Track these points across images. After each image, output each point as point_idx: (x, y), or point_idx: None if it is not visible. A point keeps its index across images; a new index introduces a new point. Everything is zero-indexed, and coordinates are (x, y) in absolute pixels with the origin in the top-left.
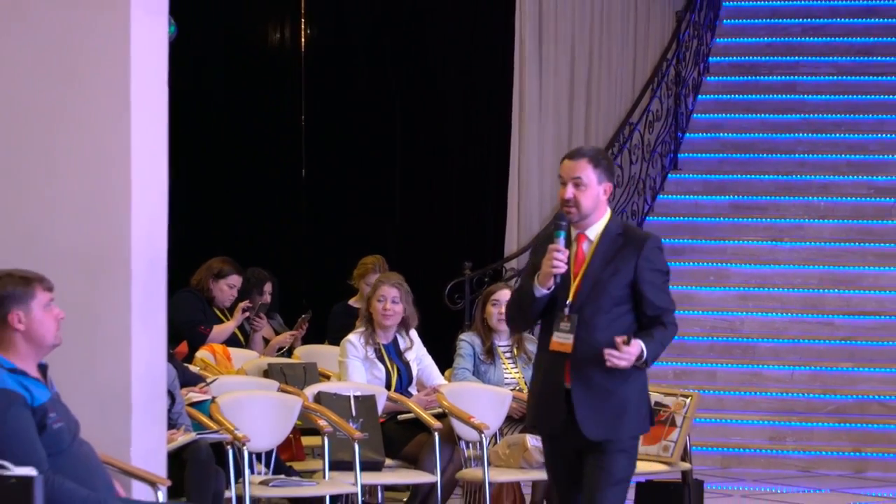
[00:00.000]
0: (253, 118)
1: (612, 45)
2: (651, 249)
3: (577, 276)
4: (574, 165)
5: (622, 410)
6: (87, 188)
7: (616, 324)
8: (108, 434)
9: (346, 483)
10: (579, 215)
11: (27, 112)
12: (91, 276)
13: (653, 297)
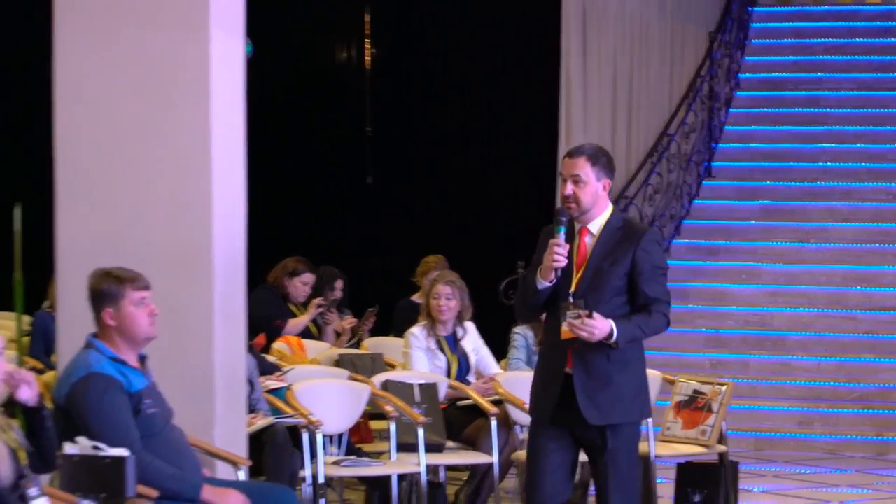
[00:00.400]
0: (322, 129)
1: (650, 63)
2: (648, 242)
3: (580, 268)
4: (573, 163)
5: (620, 396)
6: (173, 194)
7: (617, 312)
8: (193, 418)
9: (411, 463)
10: (579, 210)
11: (119, 124)
12: (177, 275)
13: (644, 287)
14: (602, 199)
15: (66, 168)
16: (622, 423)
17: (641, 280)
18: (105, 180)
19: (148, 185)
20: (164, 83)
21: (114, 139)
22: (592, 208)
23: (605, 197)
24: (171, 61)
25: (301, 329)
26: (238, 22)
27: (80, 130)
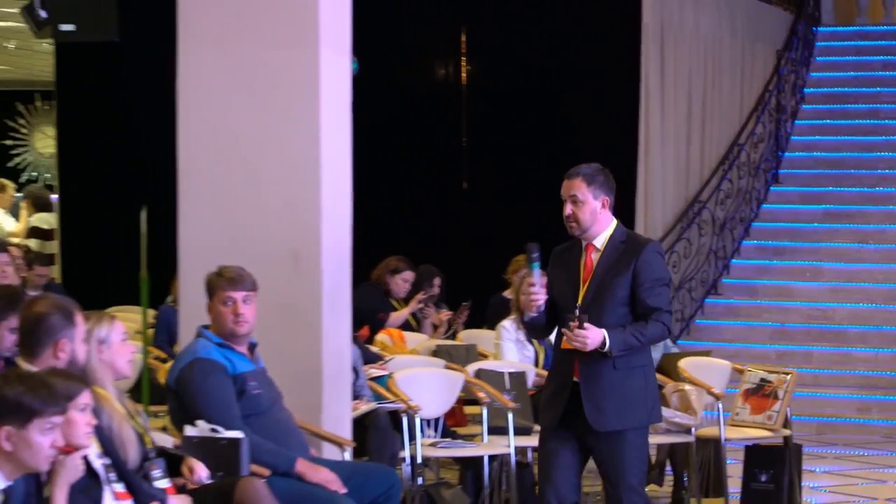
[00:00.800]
0: (422, 139)
1: (722, 78)
2: (649, 253)
3: (586, 282)
4: (570, 185)
5: (626, 403)
6: (285, 198)
7: (622, 322)
8: (303, 403)
9: (502, 445)
10: (580, 229)
11: (235, 134)
12: (288, 273)
13: (644, 296)
14: (603, 215)
15: (188, 175)
16: (627, 429)
17: (641, 290)
18: (223, 186)
19: (262, 190)
20: (278, 97)
21: (231, 148)
22: (593, 226)
23: (606, 213)
24: (284, 78)
25: (402, 322)
26: (345, 41)
27: (200, 141)
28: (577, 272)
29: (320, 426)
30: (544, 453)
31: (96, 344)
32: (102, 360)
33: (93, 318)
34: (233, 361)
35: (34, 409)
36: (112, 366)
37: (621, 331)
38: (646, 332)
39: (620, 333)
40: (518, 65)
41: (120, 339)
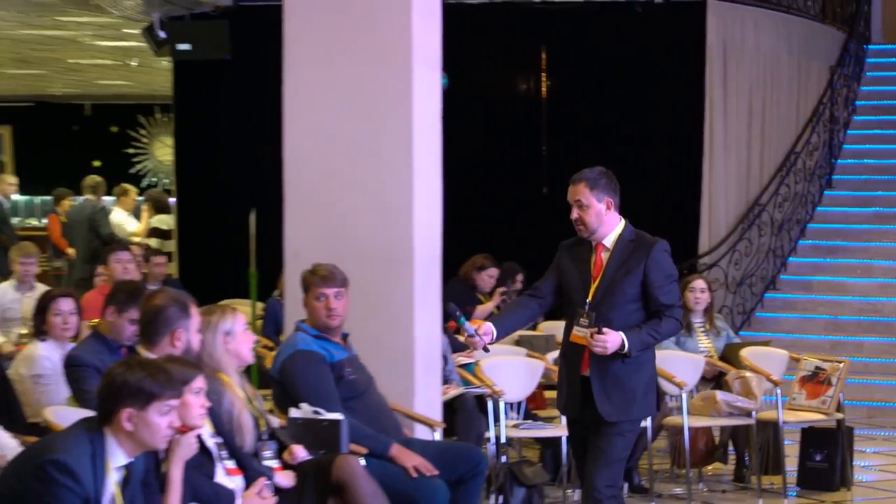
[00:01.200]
0: (506, 148)
1: (780, 93)
2: (658, 252)
3: (596, 279)
4: (574, 190)
5: (632, 396)
6: (381, 201)
7: (630, 318)
8: (397, 388)
9: None
10: (588, 231)
11: (336, 143)
12: (384, 269)
13: (657, 294)
14: (609, 216)
15: (293, 180)
16: (625, 420)
17: (654, 289)
18: (324, 190)
19: (360, 194)
20: (374, 110)
21: (332, 156)
22: (600, 227)
23: (612, 214)
24: (380, 91)
25: (487, 314)
26: (436, 58)
27: (303, 149)
28: (587, 270)
29: (413, 409)
30: (576, 445)
31: (222, 335)
32: (228, 350)
33: (217, 311)
34: (330, 351)
35: (153, 392)
36: (237, 354)
37: (638, 331)
38: (660, 328)
39: (637, 334)
40: (593, 80)
41: (242, 329)
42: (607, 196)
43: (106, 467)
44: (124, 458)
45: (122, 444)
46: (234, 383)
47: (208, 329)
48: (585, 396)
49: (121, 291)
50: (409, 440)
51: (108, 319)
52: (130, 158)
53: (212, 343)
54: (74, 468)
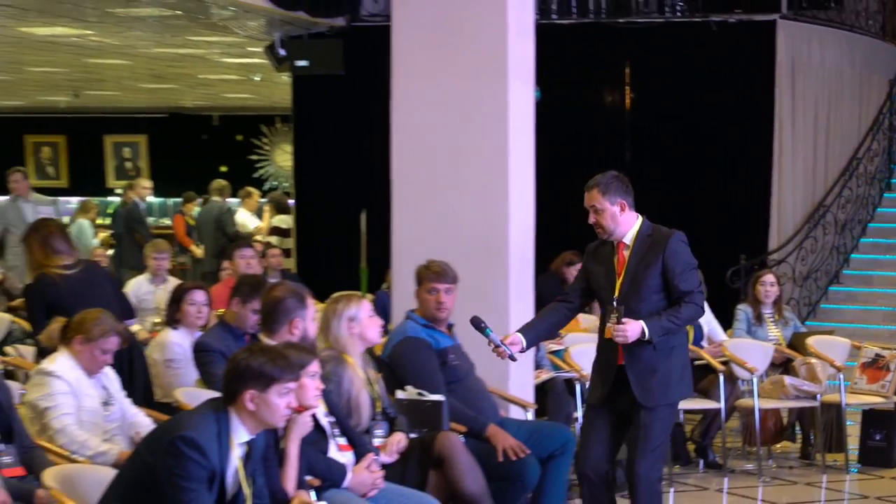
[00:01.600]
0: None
1: (843, 104)
2: (675, 243)
3: (620, 276)
4: (588, 196)
5: (667, 380)
6: (479, 203)
7: (657, 307)
8: (493, 372)
9: None
10: (606, 233)
11: (438, 150)
12: (482, 264)
13: (677, 283)
14: (624, 217)
15: (400, 183)
16: (661, 405)
17: (673, 277)
18: (429, 192)
19: (460, 196)
20: (474, 119)
21: (435, 162)
22: (617, 227)
23: (627, 214)
24: (479, 103)
25: None
26: (529, 73)
27: (409, 155)
28: (612, 268)
29: (507, 391)
30: (587, 427)
31: (346, 321)
32: (352, 334)
33: (344, 299)
34: (436, 339)
35: (274, 376)
36: (361, 337)
37: (658, 318)
38: (680, 314)
39: (657, 321)
40: (673, 93)
41: (367, 314)
42: (620, 198)
43: (230, 443)
44: (246, 434)
45: (244, 422)
46: (356, 365)
47: (334, 315)
48: (623, 385)
49: (245, 284)
50: (505, 420)
51: (233, 310)
52: (253, 164)
53: (337, 327)
54: (202, 444)
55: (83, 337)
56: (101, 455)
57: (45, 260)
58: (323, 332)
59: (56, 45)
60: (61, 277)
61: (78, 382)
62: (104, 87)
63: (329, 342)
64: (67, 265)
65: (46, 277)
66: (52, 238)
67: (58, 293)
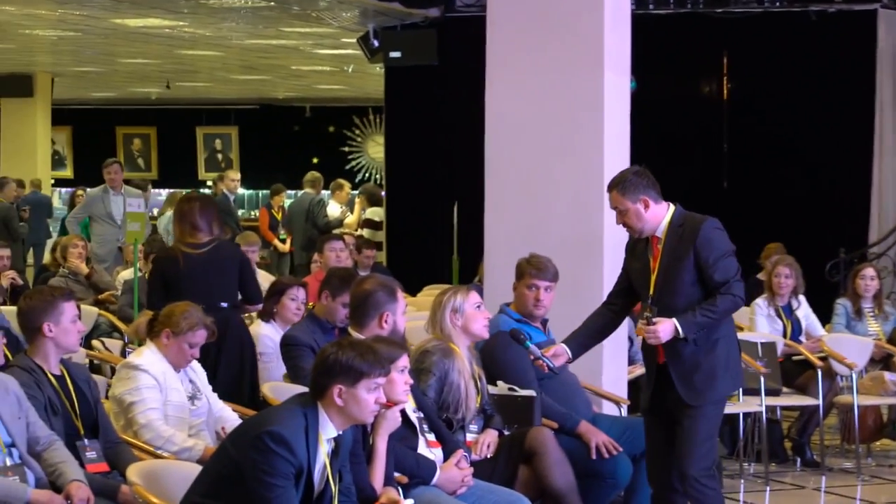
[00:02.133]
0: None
1: None
2: (707, 231)
3: (654, 271)
4: (610, 198)
5: (712, 375)
6: (573, 195)
7: (694, 300)
8: (587, 368)
9: (755, 404)
10: (636, 231)
11: (532, 142)
12: (576, 257)
13: (711, 273)
14: (651, 211)
15: (493, 175)
16: (707, 403)
17: (707, 268)
18: (522, 185)
19: (554, 189)
20: (568, 111)
21: (529, 153)
22: (645, 224)
23: (654, 208)
24: (574, 95)
25: None
26: (625, 64)
27: (503, 147)
28: (647, 264)
29: (601, 387)
30: (651, 435)
31: (450, 312)
32: (455, 326)
33: (450, 290)
34: (530, 334)
35: (363, 371)
36: (465, 330)
37: (691, 314)
38: (716, 307)
39: (690, 317)
40: (772, 83)
41: (473, 307)
42: (641, 194)
43: (318, 439)
44: (334, 430)
45: (332, 417)
46: (463, 356)
47: (440, 306)
48: (667, 384)
49: (335, 277)
50: (597, 416)
51: (322, 303)
52: (346, 156)
53: (442, 319)
54: (289, 439)
55: (170, 330)
56: (187, 451)
57: (181, 236)
58: (431, 323)
59: (148, 37)
60: (184, 256)
61: (164, 377)
62: (196, 79)
63: (437, 333)
64: (197, 244)
65: (169, 254)
66: (192, 214)
67: (176, 272)
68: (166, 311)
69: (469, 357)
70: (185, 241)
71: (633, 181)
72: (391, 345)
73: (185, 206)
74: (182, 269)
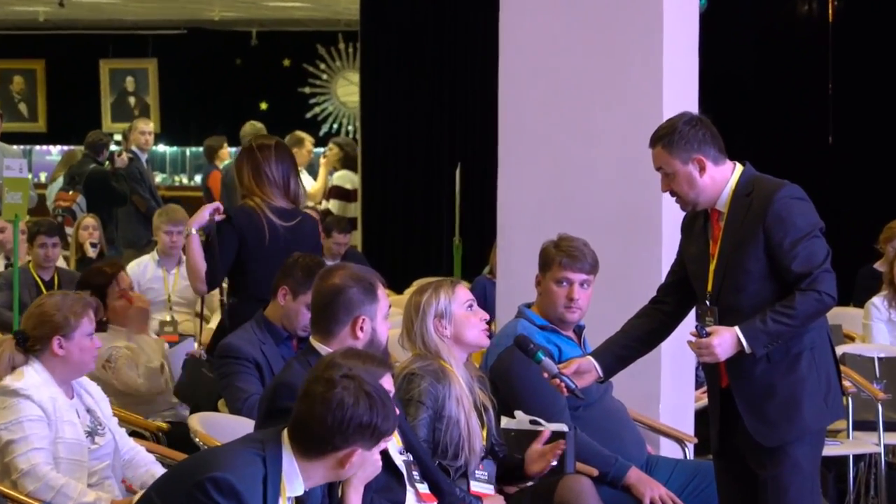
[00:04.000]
0: (780, 87)
1: None
2: (781, 203)
3: (714, 259)
4: (653, 155)
5: (794, 406)
6: (622, 154)
7: (765, 301)
8: (637, 391)
9: (870, 443)
10: (687, 203)
11: (566, 79)
12: (624, 240)
13: (787, 263)
14: (708, 175)
15: (509, 127)
16: (793, 442)
17: (781, 255)
18: (550, 141)
19: (595, 145)
20: (615, 42)
21: (560, 96)
22: (700, 193)
23: (712, 170)
24: (623, 16)
25: None
26: None
27: (524, 87)
28: (705, 248)
29: (658, 418)
30: (725, 489)
31: (433, 320)
32: (443, 336)
33: (429, 289)
34: (558, 346)
35: (384, 430)
36: (457, 339)
37: (760, 322)
38: (794, 310)
39: (758, 326)
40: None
41: (463, 307)
42: (695, 153)
43: (280, 494)
44: (303, 486)
45: (310, 473)
46: (459, 378)
47: (417, 312)
48: (731, 416)
49: (298, 268)
50: (653, 460)
51: (279, 303)
52: (307, 100)
53: (424, 330)
54: (241, 491)
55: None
56: None
57: (265, 194)
58: (408, 336)
59: None
60: (270, 225)
61: (54, 405)
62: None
63: (417, 349)
64: (285, 211)
65: (253, 216)
66: (282, 165)
67: (257, 244)
68: (34, 314)
69: (468, 378)
70: (271, 202)
71: (685, 133)
72: (369, 361)
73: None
74: (267, 242)
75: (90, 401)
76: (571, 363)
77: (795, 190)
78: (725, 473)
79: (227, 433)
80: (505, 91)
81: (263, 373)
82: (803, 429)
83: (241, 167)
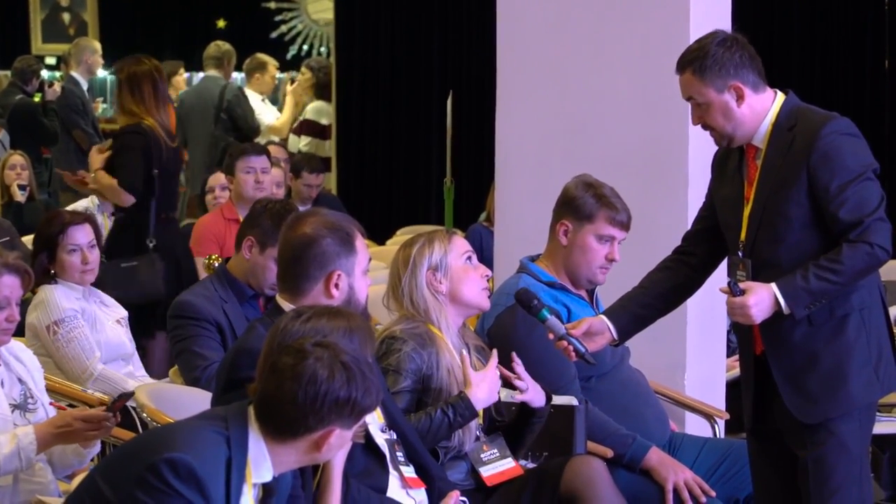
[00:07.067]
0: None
1: None
2: (828, 139)
3: (749, 202)
4: (681, 83)
5: (839, 377)
6: (641, 81)
7: (807, 254)
8: (659, 359)
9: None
10: (722, 137)
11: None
12: (643, 184)
13: (833, 209)
14: (747, 104)
15: (509, 53)
16: (837, 418)
17: (827, 200)
18: (555, 68)
19: (610, 76)
20: None
21: (566, 18)
22: (738, 126)
23: (752, 98)
24: None
25: None
26: None
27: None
28: (739, 190)
29: (682, 391)
30: (758, 471)
31: (426, 275)
32: (437, 294)
33: (420, 240)
34: (568, 307)
35: (365, 405)
36: (455, 299)
37: (800, 278)
38: (841, 264)
39: (799, 283)
40: None
41: (460, 260)
42: (732, 78)
43: (245, 480)
44: (271, 472)
45: (279, 456)
46: (450, 345)
47: (407, 267)
48: (768, 388)
49: (265, 216)
50: (678, 438)
51: (244, 256)
52: (271, 17)
53: (413, 286)
54: (200, 474)
55: None
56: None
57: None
58: (393, 294)
59: None
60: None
61: None
62: None
63: (404, 308)
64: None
65: None
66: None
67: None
68: None
69: (459, 345)
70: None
71: (719, 56)
72: (342, 321)
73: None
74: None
75: (21, 369)
76: (582, 323)
77: (846, 124)
78: (761, 455)
79: (181, 409)
80: (504, 7)
81: (226, 336)
82: (850, 404)
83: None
